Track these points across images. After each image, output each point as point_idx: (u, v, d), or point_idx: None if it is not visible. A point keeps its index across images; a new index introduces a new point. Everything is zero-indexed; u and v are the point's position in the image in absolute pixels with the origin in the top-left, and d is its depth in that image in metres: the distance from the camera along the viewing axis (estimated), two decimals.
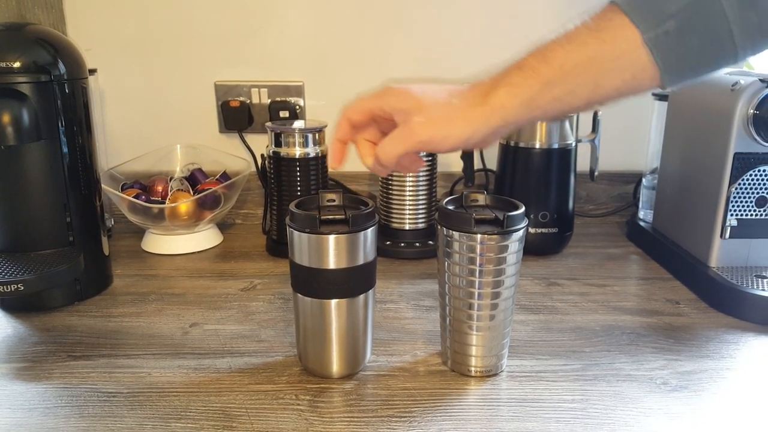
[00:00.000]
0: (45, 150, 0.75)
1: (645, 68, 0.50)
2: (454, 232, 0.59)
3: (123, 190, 1.01)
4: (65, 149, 0.76)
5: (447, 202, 0.63)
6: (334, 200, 0.65)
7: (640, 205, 1.09)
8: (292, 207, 0.61)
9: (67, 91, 0.75)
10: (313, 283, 0.60)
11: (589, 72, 0.51)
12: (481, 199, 0.64)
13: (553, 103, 0.52)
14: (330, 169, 0.60)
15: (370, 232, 0.60)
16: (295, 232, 0.59)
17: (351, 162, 1.17)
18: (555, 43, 0.51)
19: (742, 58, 0.51)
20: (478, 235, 0.58)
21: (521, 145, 0.95)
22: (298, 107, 1.11)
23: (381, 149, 0.55)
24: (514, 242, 0.59)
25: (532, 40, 0.52)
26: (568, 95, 0.51)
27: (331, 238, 0.58)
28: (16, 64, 0.72)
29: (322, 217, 0.59)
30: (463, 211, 0.61)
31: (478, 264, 0.59)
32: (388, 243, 0.98)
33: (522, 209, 0.60)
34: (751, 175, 0.79)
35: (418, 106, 0.53)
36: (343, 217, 0.60)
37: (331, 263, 0.59)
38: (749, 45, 0.50)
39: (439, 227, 0.61)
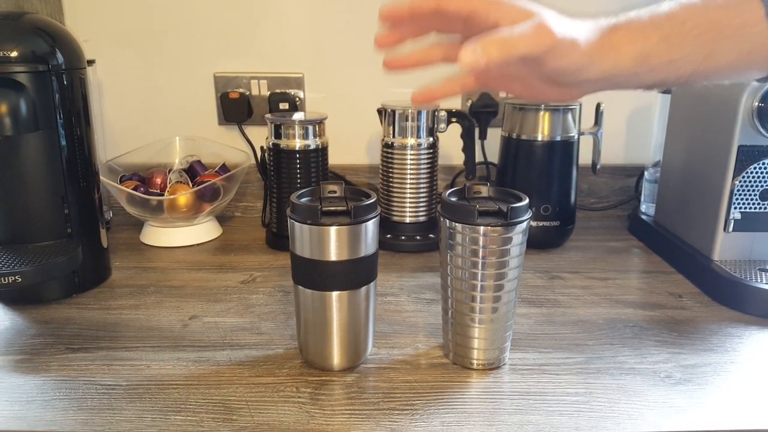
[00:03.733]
0: (43, 141, 0.74)
1: (763, 45, 0.48)
2: (456, 224, 0.59)
3: (122, 182, 1.00)
4: (63, 140, 0.75)
5: (450, 194, 0.62)
6: (335, 191, 0.64)
7: (643, 199, 1.08)
8: (293, 198, 0.60)
9: (65, 81, 0.74)
10: (314, 275, 0.59)
11: (708, 36, 0.48)
12: (484, 190, 0.64)
13: (667, 63, 0.48)
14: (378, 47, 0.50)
15: (371, 224, 0.59)
16: (297, 224, 0.58)
17: (351, 154, 1.16)
18: (677, 3, 0.49)
19: None
20: (481, 227, 0.57)
21: (523, 137, 0.94)
22: (297, 99, 1.11)
23: (510, 38, 0.43)
24: (518, 234, 0.58)
25: None
26: (683, 57, 0.48)
27: (333, 229, 0.57)
28: (14, 54, 0.71)
29: (324, 209, 0.58)
30: (466, 203, 0.60)
31: (481, 256, 0.58)
32: (388, 236, 0.97)
33: (526, 201, 0.59)
34: (755, 168, 0.79)
35: (538, 11, 0.46)
36: (344, 208, 0.59)
37: (333, 255, 0.58)
38: None
39: (441, 219, 0.60)
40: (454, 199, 0.62)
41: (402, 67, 0.51)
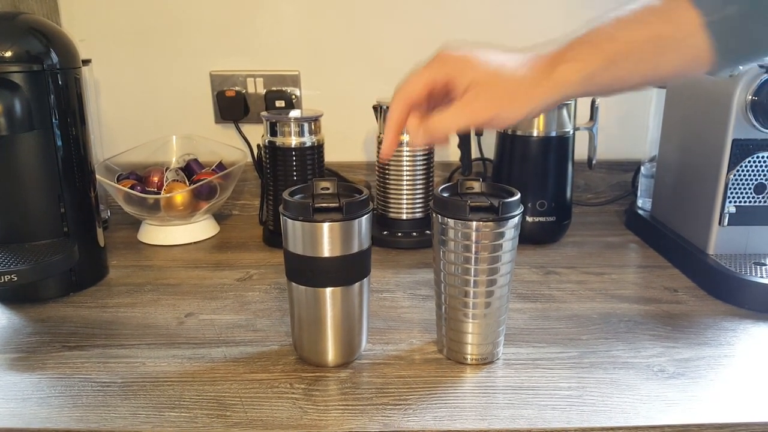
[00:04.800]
0: (38, 140, 0.75)
1: (703, 52, 0.50)
2: (449, 220, 0.59)
3: (119, 181, 1.00)
4: (59, 140, 0.76)
5: (442, 190, 0.62)
6: (328, 188, 0.64)
7: (639, 194, 1.08)
8: (285, 195, 0.60)
9: (59, 81, 0.75)
10: (308, 271, 0.59)
11: (651, 52, 0.50)
12: (477, 186, 0.64)
13: (612, 80, 0.51)
14: (381, 160, 0.56)
15: (364, 220, 0.59)
16: (289, 221, 0.59)
17: (347, 151, 1.16)
18: (618, 20, 0.51)
19: None
20: (474, 223, 0.58)
21: (519, 133, 0.94)
22: (294, 97, 1.11)
23: (439, 122, 0.52)
24: (510, 229, 0.58)
25: (531, 24, 0.52)
26: (628, 73, 0.51)
27: (325, 226, 0.57)
28: (8, 54, 0.71)
29: (316, 205, 0.58)
30: (458, 199, 0.60)
31: (473, 251, 0.58)
32: (385, 233, 0.98)
33: (517, 196, 0.60)
34: (749, 162, 0.79)
35: (479, 79, 0.51)
36: (336, 205, 0.59)
37: (326, 251, 0.58)
38: None
39: (434, 215, 0.61)
40: (446, 194, 0.62)
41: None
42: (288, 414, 0.54)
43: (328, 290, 0.60)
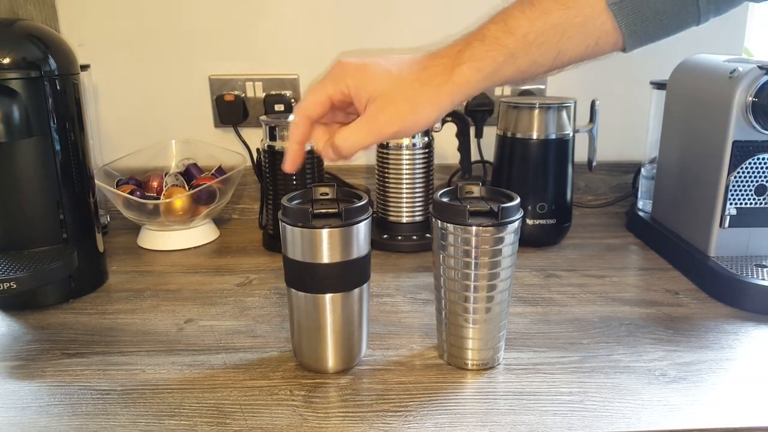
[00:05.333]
0: (37, 147, 0.74)
1: (608, 33, 0.50)
2: (448, 225, 0.59)
3: (118, 186, 1.00)
4: (57, 146, 0.75)
5: (441, 194, 0.62)
6: (327, 194, 0.64)
7: (639, 195, 1.08)
8: (284, 201, 0.60)
9: (58, 87, 0.75)
10: (307, 277, 0.59)
11: (552, 40, 0.50)
12: (476, 190, 0.63)
13: (516, 72, 0.51)
14: (286, 171, 0.58)
15: (363, 226, 0.59)
16: (288, 227, 0.58)
17: None
18: (517, 9, 0.50)
19: (704, 21, 0.51)
20: (473, 228, 0.57)
21: (518, 136, 0.94)
22: (293, 100, 1.10)
23: (344, 140, 0.52)
24: (510, 234, 0.58)
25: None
26: (531, 65, 0.51)
27: (324, 232, 0.57)
28: (6, 60, 0.71)
29: (315, 211, 0.58)
30: (458, 203, 0.60)
31: (473, 256, 0.58)
32: (385, 236, 0.97)
33: (517, 200, 0.59)
34: (750, 164, 0.78)
35: (380, 90, 0.51)
36: (336, 210, 0.59)
37: (325, 257, 0.58)
38: (713, 8, 0.50)
39: (433, 220, 0.60)
40: (446, 199, 0.62)
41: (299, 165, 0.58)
42: (288, 421, 0.54)
43: (328, 296, 0.59)
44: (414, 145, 0.94)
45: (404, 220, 0.98)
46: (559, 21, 0.49)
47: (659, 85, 0.99)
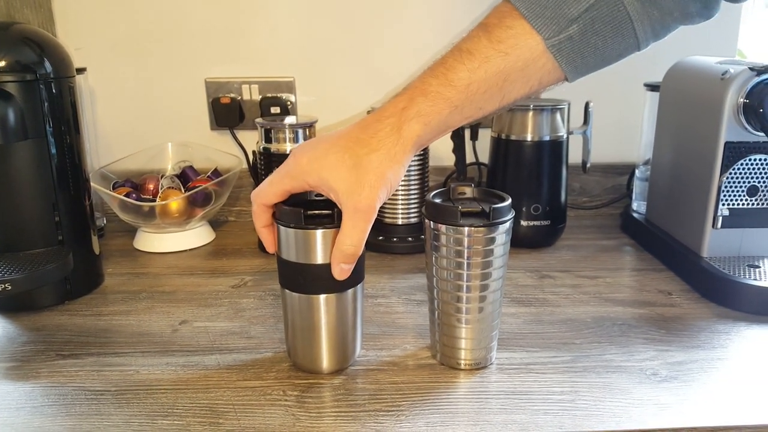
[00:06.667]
0: (32, 149, 0.75)
1: (550, 72, 0.51)
2: (440, 225, 0.59)
3: (114, 188, 1.01)
4: (53, 149, 0.76)
5: (434, 195, 0.63)
6: (321, 195, 0.64)
7: (634, 197, 1.08)
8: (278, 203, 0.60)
9: (53, 90, 0.75)
10: (301, 278, 0.59)
11: (495, 87, 0.50)
12: (468, 191, 0.64)
13: (464, 119, 0.52)
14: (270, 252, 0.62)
15: None
16: (282, 228, 0.59)
17: None
18: (455, 60, 0.51)
19: (645, 47, 0.53)
20: (465, 228, 0.58)
21: (512, 137, 0.95)
22: (289, 103, 1.11)
23: (351, 246, 0.54)
24: (501, 234, 0.59)
25: None
26: (477, 111, 0.52)
27: (318, 232, 0.57)
28: (1, 63, 0.71)
29: (309, 212, 0.59)
30: (450, 204, 0.61)
31: (465, 257, 0.59)
32: (380, 238, 0.98)
33: (508, 201, 0.60)
34: (742, 165, 0.79)
35: (344, 182, 0.52)
36: (329, 211, 0.59)
37: (319, 258, 0.58)
38: (651, 37, 0.52)
39: (426, 221, 0.61)
40: (438, 200, 0.62)
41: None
42: (281, 421, 0.54)
43: (322, 297, 0.60)
44: None
45: (399, 221, 0.98)
46: (499, 68, 0.50)
47: (653, 87, 1.00)
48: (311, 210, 0.59)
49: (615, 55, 0.52)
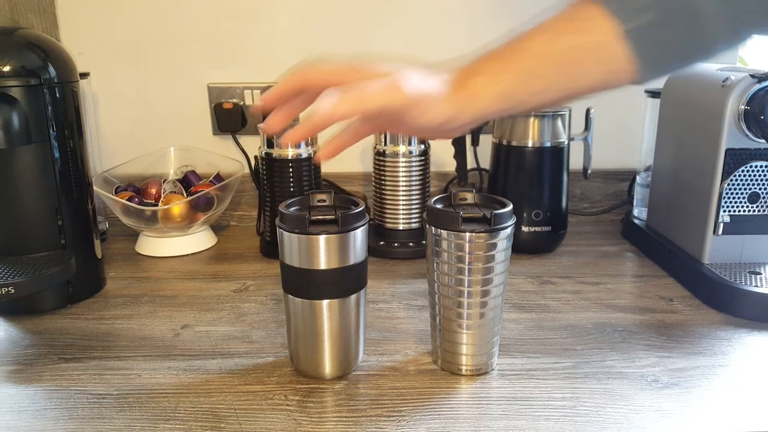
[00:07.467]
0: (36, 154, 0.75)
1: (622, 61, 0.49)
2: (442, 231, 0.59)
3: (117, 193, 1.01)
4: (56, 153, 0.76)
5: (435, 201, 0.63)
6: (324, 200, 0.65)
7: (635, 203, 1.09)
8: (282, 208, 0.61)
9: (57, 94, 0.75)
10: (304, 284, 0.60)
11: (566, 63, 0.50)
12: (470, 197, 0.64)
13: (530, 95, 0.51)
14: (266, 132, 0.54)
15: (360, 232, 0.60)
16: (285, 233, 0.59)
17: (343, 162, 1.17)
18: (532, 32, 0.50)
19: (717, 53, 0.51)
20: (466, 234, 0.58)
21: (513, 143, 0.95)
22: None
23: (362, 93, 0.48)
24: (502, 240, 0.59)
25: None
26: (545, 88, 0.50)
27: (321, 238, 0.58)
28: (6, 68, 0.72)
29: (312, 218, 0.59)
30: (451, 210, 0.61)
31: (466, 263, 0.59)
32: (381, 243, 0.98)
33: (509, 207, 0.60)
34: (743, 171, 0.79)
35: (401, 71, 0.50)
36: (333, 217, 0.59)
37: (322, 264, 0.59)
38: (723, 39, 0.50)
39: (427, 226, 0.61)
40: (439, 206, 0.62)
41: (297, 141, 0.54)
42: (282, 426, 0.54)
43: (325, 302, 0.60)
44: (410, 152, 0.95)
45: (401, 226, 0.98)
46: (572, 44, 0.49)
47: (654, 94, 1.00)
48: (315, 215, 0.59)
49: (688, 53, 0.51)
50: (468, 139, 1.01)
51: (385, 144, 0.96)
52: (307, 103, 0.53)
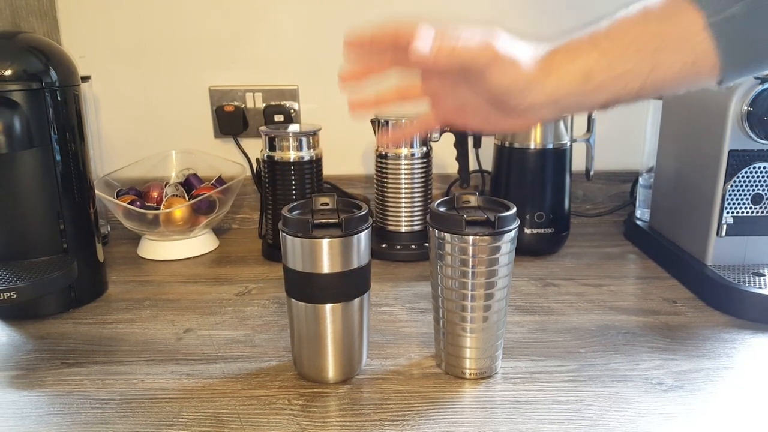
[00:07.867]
0: (37, 158, 0.75)
1: (706, 55, 0.47)
2: (445, 234, 0.59)
3: (118, 196, 1.01)
4: (58, 157, 0.76)
5: (438, 204, 0.63)
6: (327, 204, 0.65)
7: (638, 204, 1.08)
8: (284, 211, 0.60)
9: (59, 98, 0.75)
10: (307, 288, 0.59)
11: (649, 49, 0.48)
12: (473, 200, 0.64)
13: (611, 81, 0.49)
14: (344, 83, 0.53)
15: (363, 236, 0.60)
16: (288, 237, 0.59)
17: (346, 164, 1.16)
18: (616, 20, 0.49)
19: None
20: (470, 237, 0.58)
21: (516, 145, 0.95)
22: (292, 111, 1.11)
23: (457, 42, 0.47)
24: (506, 243, 0.59)
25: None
26: (626, 72, 0.48)
27: (325, 242, 0.57)
28: (8, 72, 0.72)
29: (315, 221, 0.59)
30: (455, 213, 0.61)
31: (470, 266, 0.59)
32: (384, 246, 0.98)
33: (513, 210, 0.60)
34: (746, 173, 0.79)
35: (492, 33, 0.48)
36: (336, 220, 0.59)
37: (325, 267, 0.58)
38: None
39: (431, 229, 0.61)
40: (443, 209, 0.62)
41: (365, 108, 0.54)
42: (285, 430, 0.54)
43: (328, 306, 0.60)
44: (413, 154, 0.95)
45: (403, 229, 0.98)
46: (657, 30, 0.48)
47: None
48: (318, 219, 0.59)
49: None
50: (470, 141, 1.01)
51: (387, 146, 0.96)
52: (392, 62, 0.52)
